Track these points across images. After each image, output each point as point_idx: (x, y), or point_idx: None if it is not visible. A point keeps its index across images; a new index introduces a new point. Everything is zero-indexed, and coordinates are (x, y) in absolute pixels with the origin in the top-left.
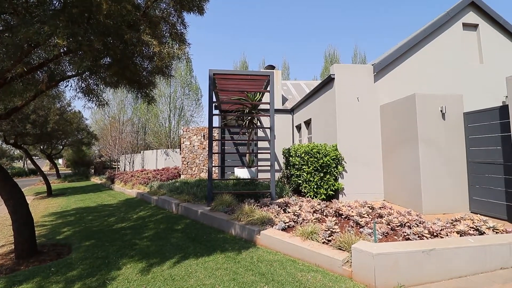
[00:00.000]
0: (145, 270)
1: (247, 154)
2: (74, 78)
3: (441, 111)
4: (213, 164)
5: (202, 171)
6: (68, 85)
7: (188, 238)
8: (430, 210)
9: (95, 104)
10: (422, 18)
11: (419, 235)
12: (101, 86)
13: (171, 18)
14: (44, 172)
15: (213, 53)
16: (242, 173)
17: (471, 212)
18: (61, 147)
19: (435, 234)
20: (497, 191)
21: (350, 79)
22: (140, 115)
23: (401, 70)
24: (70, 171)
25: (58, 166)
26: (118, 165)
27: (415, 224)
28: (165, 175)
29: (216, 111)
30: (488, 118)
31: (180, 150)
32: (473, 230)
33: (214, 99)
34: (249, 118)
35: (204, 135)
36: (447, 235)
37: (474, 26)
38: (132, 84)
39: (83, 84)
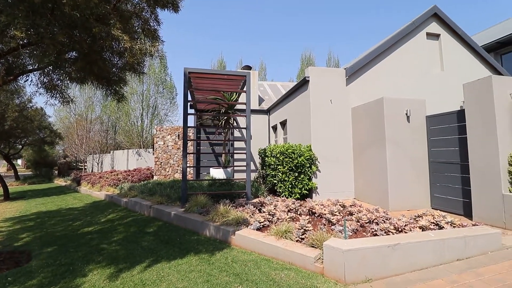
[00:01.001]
0: (114, 275)
1: (223, 155)
2: (35, 72)
3: (406, 114)
4: (188, 165)
5: (176, 172)
6: (28, 79)
7: (160, 241)
8: (396, 207)
9: (59, 101)
10: (394, 23)
11: (386, 231)
12: (66, 81)
13: (144, 13)
14: (1, 174)
15: (191, 54)
16: (217, 173)
17: (432, 208)
18: (21, 146)
19: (400, 229)
20: (455, 189)
21: (323, 82)
22: (110, 113)
23: (371, 75)
24: (31, 173)
25: (17, 167)
26: (85, 166)
27: (382, 220)
28: (137, 176)
29: (191, 111)
30: (447, 121)
31: (153, 150)
32: (434, 225)
33: (190, 98)
34: (225, 118)
35: (178, 135)
36: (411, 230)
37: (437, 36)
38: (100, 80)
39: (45, 79)
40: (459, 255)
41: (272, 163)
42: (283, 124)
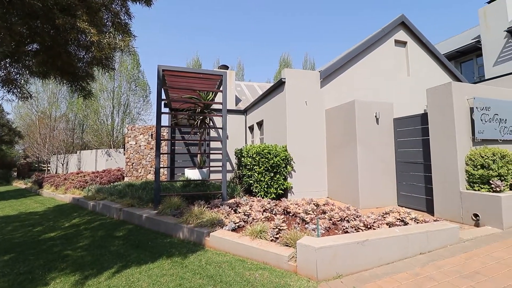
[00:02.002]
0: (79, 283)
1: (199, 155)
2: None
3: (375, 116)
4: (162, 165)
5: (149, 173)
6: None
7: (130, 245)
8: (366, 205)
9: (17, 97)
10: (367, 28)
11: (356, 228)
12: (26, 76)
13: (114, 6)
14: None
15: (167, 53)
16: (192, 174)
17: (398, 206)
18: None
19: (369, 226)
20: (419, 187)
21: (299, 84)
22: (76, 110)
23: (343, 78)
24: None
25: None
26: (48, 167)
27: (353, 218)
28: (106, 178)
29: (165, 110)
30: (412, 124)
31: (124, 150)
32: (400, 221)
33: (164, 97)
34: (201, 117)
35: (152, 134)
36: (379, 227)
37: (404, 43)
38: (65, 75)
39: (1, 73)
40: (422, 249)
41: (248, 163)
42: (260, 124)
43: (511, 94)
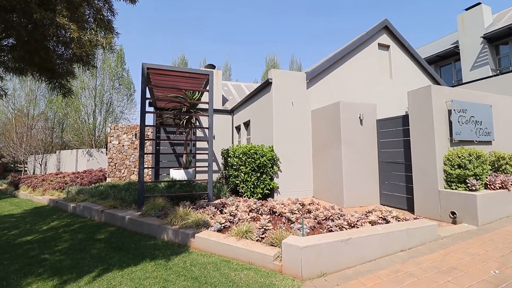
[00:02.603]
0: None
1: (184, 155)
2: None
3: (359, 117)
4: (146, 165)
5: (133, 173)
6: None
7: (112, 248)
8: (350, 204)
9: None
10: (357, 27)
11: (340, 226)
12: (1, 72)
13: (96, 2)
14: None
15: (154, 53)
16: (178, 174)
17: (381, 204)
18: None
19: (352, 225)
20: (400, 186)
21: (286, 85)
22: (56, 109)
23: (329, 79)
24: None
25: None
26: (25, 167)
27: (337, 217)
28: (87, 179)
29: (150, 109)
30: (394, 125)
31: (107, 150)
32: (382, 220)
33: (149, 95)
34: (187, 117)
35: (136, 134)
36: (362, 225)
37: (387, 47)
38: (44, 72)
39: None
40: (402, 246)
41: (235, 163)
42: (247, 124)
43: (486, 97)
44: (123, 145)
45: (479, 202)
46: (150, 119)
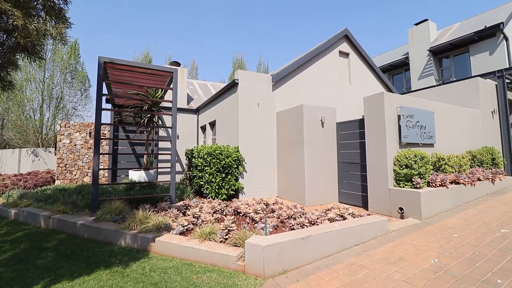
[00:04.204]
0: None
1: (145, 155)
2: None
3: (321, 120)
4: (102, 166)
5: (86, 175)
6: None
7: (62, 257)
8: (311, 202)
9: None
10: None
11: (301, 224)
12: None
13: None
14: None
15: (117, 47)
16: (138, 176)
17: (339, 202)
18: None
19: (313, 222)
20: (356, 185)
21: (252, 86)
22: None
23: (293, 82)
24: None
25: None
26: None
27: (299, 215)
28: (32, 181)
29: (108, 106)
30: (351, 128)
31: (56, 149)
32: (339, 217)
33: (106, 92)
34: (148, 115)
35: (90, 133)
36: (321, 223)
37: (346, 54)
38: None
39: None
40: (357, 240)
41: (199, 164)
42: (212, 124)
43: (429, 105)
44: (75, 145)
45: (423, 199)
46: (107, 116)
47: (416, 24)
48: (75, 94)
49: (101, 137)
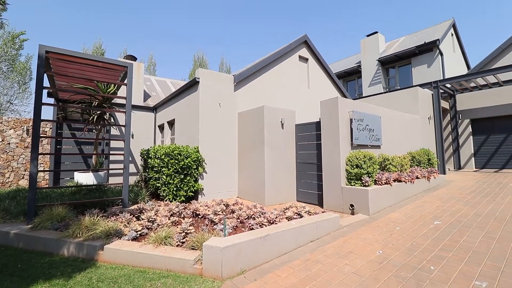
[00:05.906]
0: None
1: (94, 156)
2: None
3: (281, 121)
4: (42, 168)
5: (23, 178)
6: None
7: None
8: (271, 202)
9: None
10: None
11: (260, 224)
12: None
13: None
14: None
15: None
16: (85, 178)
17: (297, 201)
18: None
19: (272, 221)
20: (313, 184)
21: (213, 85)
22: None
23: (255, 84)
24: None
25: None
26: None
27: (259, 215)
28: None
29: (50, 100)
30: (309, 130)
31: None
32: (296, 215)
33: (49, 85)
34: (98, 112)
35: (28, 130)
36: (280, 221)
37: (306, 59)
38: None
39: None
40: (312, 237)
41: (156, 165)
42: (171, 124)
43: (377, 110)
44: (9, 143)
45: (370, 196)
46: (48, 112)
47: (368, 36)
48: (11, 86)
49: (41, 135)
